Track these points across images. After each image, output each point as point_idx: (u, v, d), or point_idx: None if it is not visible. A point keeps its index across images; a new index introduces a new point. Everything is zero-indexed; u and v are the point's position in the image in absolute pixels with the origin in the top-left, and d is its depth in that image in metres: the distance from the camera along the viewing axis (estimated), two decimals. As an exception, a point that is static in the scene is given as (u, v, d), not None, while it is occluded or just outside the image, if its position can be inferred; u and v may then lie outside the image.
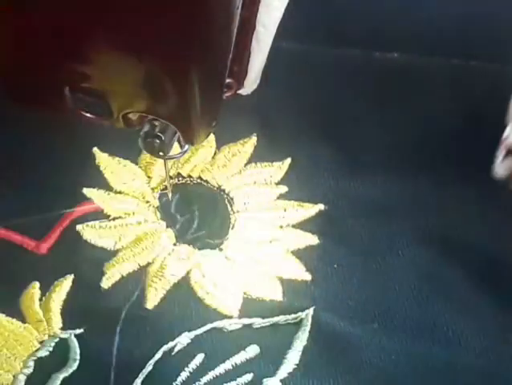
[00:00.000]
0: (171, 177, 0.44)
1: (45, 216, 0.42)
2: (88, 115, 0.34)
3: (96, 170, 0.44)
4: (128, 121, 0.34)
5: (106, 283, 0.40)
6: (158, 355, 0.39)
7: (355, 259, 0.42)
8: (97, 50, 0.30)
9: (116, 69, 0.30)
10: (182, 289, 0.41)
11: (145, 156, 0.44)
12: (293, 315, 0.40)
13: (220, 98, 0.35)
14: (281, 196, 0.44)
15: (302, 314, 0.40)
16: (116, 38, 0.29)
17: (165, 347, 0.39)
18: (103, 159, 0.44)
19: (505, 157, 0.40)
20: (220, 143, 0.45)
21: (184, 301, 0.40)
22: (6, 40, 0.31)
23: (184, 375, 0.38)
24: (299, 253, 0.42)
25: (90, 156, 0.44)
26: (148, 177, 0.44)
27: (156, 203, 0.43)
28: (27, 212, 0.42)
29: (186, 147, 0.37)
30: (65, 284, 0.40)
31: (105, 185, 0.43)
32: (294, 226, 0.43)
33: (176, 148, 0.40)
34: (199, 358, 0.39)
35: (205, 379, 0.38)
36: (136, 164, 0.44)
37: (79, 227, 0.42)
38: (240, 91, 0.39)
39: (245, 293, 0.41)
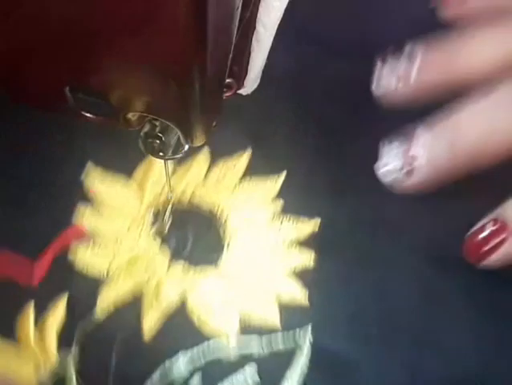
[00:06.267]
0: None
1: (34, 241, 0.45)
2: (88, 115, 0.37)
3: (86, 191, 0.47)
4: (128, 121, 0.37)
5: (101, 308, 0.44)
6: (156, 376, 0.43)
7: (354, 274, 0.46)
8: (97, 51, 0.32)
9: (116, 69, 0.33)
10: (179, 309, 0.44)
11: (140, 171, 0.48)
12: (291, 340, 0.43)
13: (220, 98, 0.38)
14: (276, 211, 0.47)
15: (300, 340, 0.43)
16: (116, 37, 0.31)
17: (162, 367, 0.43)
18: (93, 179, 0.47)
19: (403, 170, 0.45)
20: (213, 159, 0.49)
21: (181, 322, 0.44)
22: (5, 39, 0.33)
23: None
24: (296, 270, 0.46)
25: (79, 178, 0.47)
26: (142, 192, 0.47)
27: (149, 223, 0.47)
28: (16, 237, 0.46)
29: (186, 147, 0.40)
30: (59, 310, 0.44)
31: (95, 207, 0.47)
32: (291, 241, 0.47)
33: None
34: (196, 377, 0.43)
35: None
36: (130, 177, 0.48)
37: (70, 251, 0.45)
38: (240, 91, 0.42)
39: (241, 320, 0.44)
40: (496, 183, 0.45)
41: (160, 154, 0.40)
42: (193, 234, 0.47)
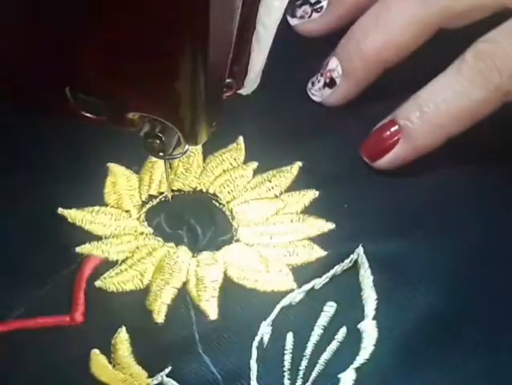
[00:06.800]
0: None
1: (53, 288, 0.42)
2: (88, 115, 0.36)
3: (74, 227, 0.45)
4: (128, 121, 0.36)
5: (160, 318, 0.41)
6: (254, 355, 0.40)
7: (356, 189, 0.47)
8: (97, 51, 0.32)
9: (117, 70, 0.33)
10: (230, 289, 0.42)
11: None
12: (346, 261, 0.43)
13: (220, 98, 0.38)
14: (256, 172, 0.47)
15: (353, 256, 0.43)
16: (115, 38, 0.31)
17: (255, 343, 0.41)
18: (73, 214, 0.45)
19: (325, 86, 0.49)
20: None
21: (241, 298, 0.42)
22: (6, 40, 0.33)
23: (288, 359, 0.40)
24: (309, 210, 0.46)
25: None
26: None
27: (149, 230, 0.45)
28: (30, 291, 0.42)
29: (186, 147, 0.40)
30: (122, 338, 0.40)
31: (93, 237, 0.44)
32: (287, 190, 0.46)
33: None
34: (289, 337, 0.41)
35: (308, 352, 0.40)
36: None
37: (98, 283, 0.42)
38: (240, 91, 0.42)
39: (289, 265, 0.43)
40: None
41: (160, 154, 0.39)
42: (196, 222, 0.45)
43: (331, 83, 0.48)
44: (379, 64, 0.47)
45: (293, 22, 0.51)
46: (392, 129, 0.45)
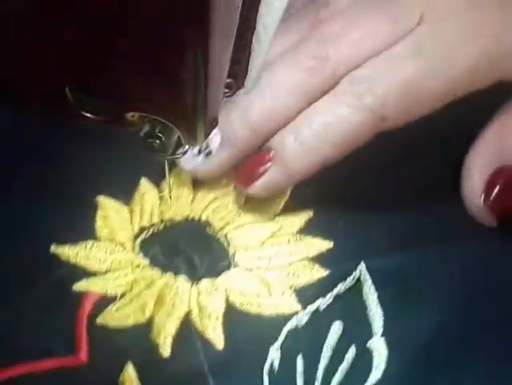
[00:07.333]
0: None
1: (52, 329, 0.41)
2: (89, 115, 0.35)
3: (69, 264, 0.44)
4: (128, 121, 0.36)
5: (166, 351, 0.40)
6: (266, 381, 0.40)
7: (351, 205, 0.47)
8: (96, 52, 0.32)
9: (116, 70, 0.33)
10: (234, 316, 0.42)
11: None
12: (348, 279, 0.43)
13: (220, 98, 0.37)
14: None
15: (355, 273, 0.43)
16: (115, 38, 0.31)
17: (266, 369, 0.40)
18: (66, 252, 0.44)
19: (199, 153, 0.46)
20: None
21: (246, 324, 0.42)
22: (7, 41, 0.33)
23: (300, 382, 0.39)
24: (305, 230, 0.45)
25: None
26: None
27: (145, 261, 0.44)
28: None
29: (186, 147, 0.39)
30: (130, 374, 0.39)
31: (89, 273, 0.43)
32: (281, 212, 0.46)
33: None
34: (300, 360, 0.40)
35: (320, 374, 0.40)
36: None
37: (99, 320, 0.41)
38: (240, 91, 0.42)
39: (291, 287, 0.43)
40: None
41: (160, 154, 0.38)
42: (192, 251, 0.45)
43: (208, 152, 0.46)
44: (266, 134, 0.45)
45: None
46: (266, 155, 0.44)
